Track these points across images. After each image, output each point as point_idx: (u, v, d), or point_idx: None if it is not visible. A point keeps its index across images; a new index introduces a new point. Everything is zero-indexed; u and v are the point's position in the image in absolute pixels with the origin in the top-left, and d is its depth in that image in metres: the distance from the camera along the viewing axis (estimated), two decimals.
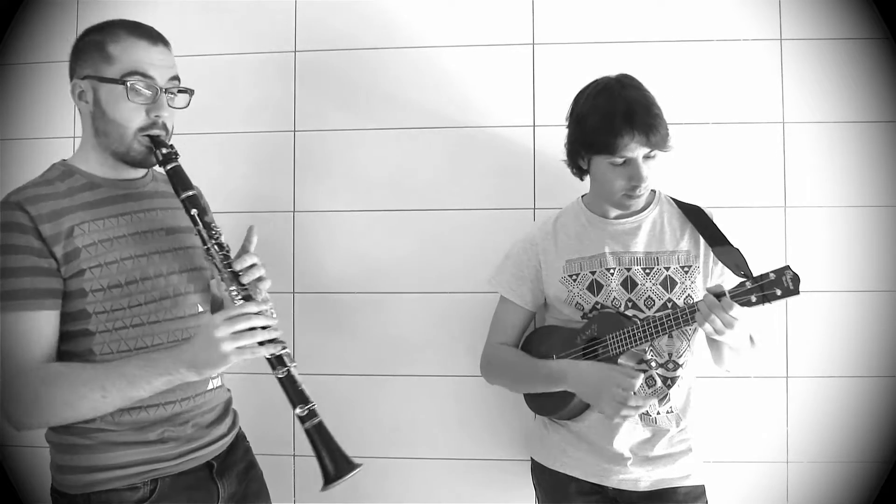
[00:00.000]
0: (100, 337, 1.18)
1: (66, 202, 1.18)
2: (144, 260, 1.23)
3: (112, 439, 1.18)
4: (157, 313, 1.23)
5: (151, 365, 1.12)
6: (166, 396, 1.20)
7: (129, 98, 1.17)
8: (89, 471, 1.18)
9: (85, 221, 1.18)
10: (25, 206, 1.13)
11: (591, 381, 1.38)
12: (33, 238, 1.12)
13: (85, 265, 1.16)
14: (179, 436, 1.24)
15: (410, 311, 1.81)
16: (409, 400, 1.81)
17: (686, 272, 1.46)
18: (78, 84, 1.22)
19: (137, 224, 1.25)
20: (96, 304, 1.17)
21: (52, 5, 1.89)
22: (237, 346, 1.09)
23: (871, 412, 1.71)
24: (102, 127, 1.21)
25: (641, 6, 1.79)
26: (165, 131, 1.22)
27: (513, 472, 1.77)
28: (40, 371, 1.11)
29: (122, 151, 1.21)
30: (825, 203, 1.74)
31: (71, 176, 1.22)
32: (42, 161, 1.28)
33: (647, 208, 1.51)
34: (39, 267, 1.13)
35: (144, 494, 1.19)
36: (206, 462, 1.28)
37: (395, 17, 1.83)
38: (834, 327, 1.73)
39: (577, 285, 1.49)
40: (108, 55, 1.19)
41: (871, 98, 1.73)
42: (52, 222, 1.14)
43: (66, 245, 1.15)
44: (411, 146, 1.82)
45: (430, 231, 1.82)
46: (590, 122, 1.39)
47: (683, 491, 1.44)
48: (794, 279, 1.25)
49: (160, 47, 1.23)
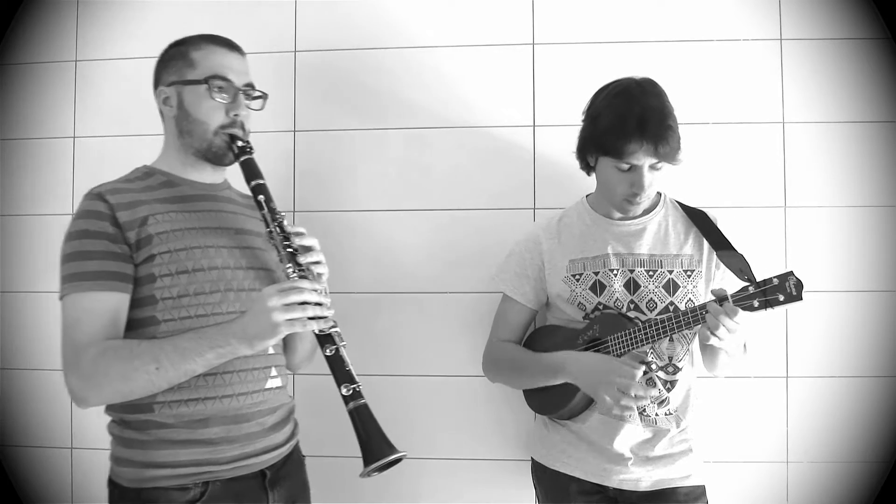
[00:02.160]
0: (165, 326, 1.21)
1: (143, 195, 1.26)
2: (212, 251, 1.27)
3: (168, 437, 1.20)
4: (221, 304, 1.25)
5: (203, 337, 1.16)
6: (223, 390, 1.23)
7: (211, 97, 1.27)
8: (143, 466, 1.20)
9: (159, 212, 1.25)
10: (105, 196, 1.22)
11: (591, 372, 1.37)
12: (109, 224, 1.20)
13: (155, 251, 1.21)
14: (237, 435, 1.24)
15: (410, 310, 1.81)
16: (410, 399, 1.81)
17: (689, 276, 1.46)
18: (163, 91, 1.32)
19: (208, 220, 1.31)
20: (163, 290, 1.21)
21: (52, 5, 1.89)
22: (288, 317, 1.12)
23: (871, 412, 1.71)
24: (186, 127, 1.30)
25: (641, 6, 1.79)
26: (243, 129, 1.31)
27: (513, 472, 1.77)
28: (99, 346, 1.15)
29: (203, 148, 1.30)
30: (825, 203, 1.74)
31: (151, 175, 1.32)
32: (43, 161, 1.28)
33: (652, 211, 1.51)
34: (112, 251, 1.19)
35: (195, 496, 1.20)
36: (260, 470, 1.27)
37: (395, 17, 1.83)
38: (834, 327, 1.73)
39: (580, 285, 1.49)
40: (191, 61, 1.30)
41: (871, 98, 1.73)
42: (129, 210, 1.22)
43: (140, 232, 1.21)
44: (411, 146, 1.82)
45: (430, 231, 1.82)
46: (602, 122, 1.38)
47: (684, 491, 1.44)
48: (797, 285, 1.25)
49: (236, 54, 1.34)
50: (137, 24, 1.88)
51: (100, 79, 1.88)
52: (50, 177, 1.88)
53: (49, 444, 1.86)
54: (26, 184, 1.89)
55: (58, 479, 1.85)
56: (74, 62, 1.89)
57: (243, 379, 1.25)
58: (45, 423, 1.87)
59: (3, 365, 1.89)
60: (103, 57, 1.89)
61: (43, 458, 1.86)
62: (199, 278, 1.24)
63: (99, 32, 1.89)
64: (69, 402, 1.85)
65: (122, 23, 1.89)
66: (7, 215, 1.90)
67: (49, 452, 1.86)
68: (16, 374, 1.88)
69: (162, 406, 1.20)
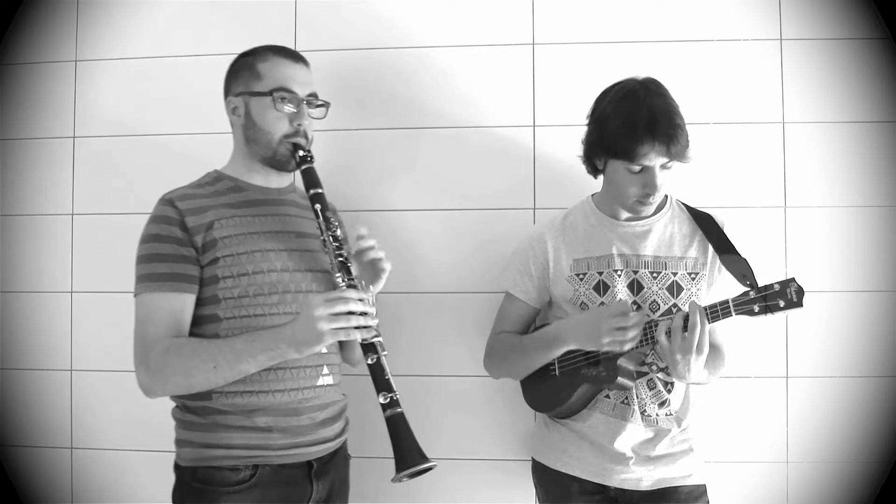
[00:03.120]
0: (226, 323, 1.31)
1: (211, 201, 1.35)
2: (272, 255, 1.35)
3: (224, 422, 1.29)
4: (279, 305, 1.33)
5: (256, 340, 1.25)
6: (275, 384, 1.31)
7: (276, 108, 1.35)
8: (200, 446, 1.30)
9: (225, 217, 1.34)
10: (175, 203, 1.32)
11: (585, 326, 1.38)
12: (178, 229, 1.30)
13: (220, 254, 1.31)
14: (287, 427, 1.31)
15: (410, 310, 1.81)
16: (409, 399, 1.79)
17: (693, 279, 1.46)
18: (232, 101, 1.40)
19: (271, 224, 1.38)
20: (226, 291, 1.31)
21: (52, 5, 1.89)
22: (333, 326, 1.19)
23: (871, 412, 1.71)
24: (252, 135, 1.38)
25: (641, 6, 1.79)
26: (306, 138, 1.38)
27: (513, 471, 1.77)
28: (165, 342, 1.26)
29: (269, 156, 1.38)
30: (825, 203, 1.74)
31: (220, 181, 1.41)
32: (43, 161, 1.29)
33: (658, 212, 1.50)
34: (180, 254, 1.29)
35: (245, 476, 1.28)
36: (307, 461, 1.34)
37: (395, 16, 1.83)
38: (834, 327, 1.73)
39: (584, 285, 1.49)
40: (257, 73, 1.37)
41: (871, 98, 1.73)
42: (197, 215, 1.31)
43: (206, 236, 1.31)
44: (411, 146, 1.82)
45: (430, 231, 1.82)
46: (611, 125, 1.37)
47: (685, 490, 1.44)
48: (798, 291, 1.26)
49: (300, 66, 1.40)
50: (137, 24, 1.88)
51: (100, 79, 1.89)
52: (50, 177, 1.88)
53: (49, 444, 1.86)
54: (26, 184, 1.89)
55: (58, 479, 1.85)
56: (74, 62, 1.89)
57: (295, 375, 1.32)
58: (45, 423, 1.87)
59: (3, 365, 1.89)
60: (103, 57, 1.89)
61: (43, 458, 1.86)
62: (258, 280, 1.32)
63: (99, 32, 1.89)
64: (69, 402, 1.86)
65: (121, 23, 1.89)
66: (7, 215, 1.90)
67: (49, 452, 1.86)
68: (16, 374, 1.88)
69: (219, 395, 1.29)
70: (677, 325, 1.30)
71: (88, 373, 1.86)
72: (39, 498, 1.86)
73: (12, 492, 1.79)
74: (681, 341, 1.29)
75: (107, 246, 1.85)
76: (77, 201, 1.88)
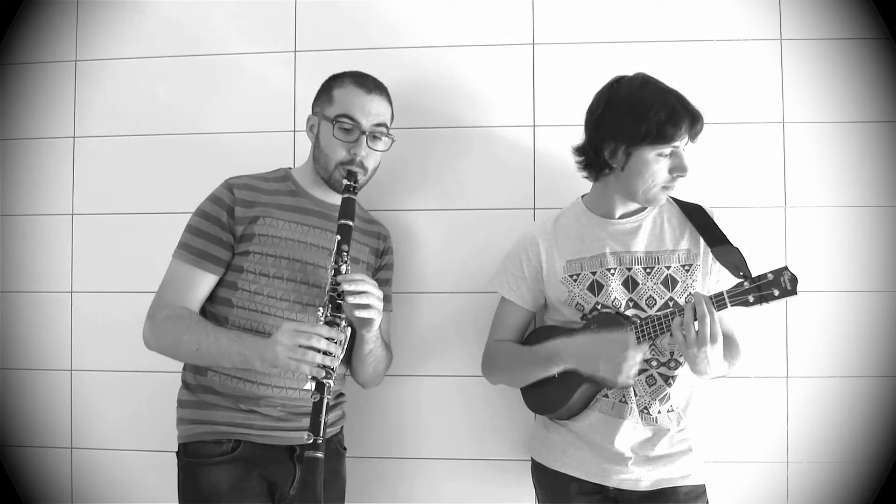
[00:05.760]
0: (236, 311, 1.42)
1: (266, 197, 1.46)
2: (298, 265, 1.44)
3: (212, 401, 1.41)
4: (286, 312, 1.42)
5: (236, 342, 1.33)
6: (267, 378, 1.40)
7: (335, 136, 1.43)
8: (189, 423, 1.42)
9: (272, 217, 1.44)
10: (233, 188, 1.44)
11: (586, 351, 1.38)
12: (226, 214, 1.42)
13: (253, 249, 1.42)
14: (267, 415, 1.41)
15: (409, 311, 1.81)
16: (410, 400, 1.81)
17: (687, 271, 1.46)
18: (310, 118, 1.52)
19: (312, 236, 1.47)
20: (246, 283, 1.42)
21: (52, 5, 1.90)
22: (289, 356, 1.25)
23: (871, 412, 1.71)
24: (316, 154, 1.49)
25: (641, 6, 1.79)
26: (362, 168, 1.45)
27: (513, 472, 1.77)
28: (173, 309, 1.38)
29: (325, 177, 1.48)
30: (825, 203, 1.74)
31: (286, 181, 1.52)
32: (43, 161, 1.29)
33: (646, 208, 1.51)
34: (218, 237, 1.42)
35: (227, 449, 1.39)
36: (289, 446, 1.42)
37: (395, 16, 1.83)
38: (834, 327, 1.73)
39: (578, 285, 1.49)
40: (331, 97, 1.47)
41: (871, 98, 1.73)
42: (246, 207, 1.43)
43: (247, 228, 1.42)
44: (411, 146, 1.82)
45: (429, 231, 1.82)
46: (639, 111, 1.36)
47: (684, 491, 1.44)
48: (791, 280, 1.26)
49: (374, 96, 1.47)
50: (137, 24, 1.88)
51: (100, 79, 1.89)
52: (50, 177, 1.88)
53: (49, 444, 1.86)
54: (26, 184, 1.89)
55: (58, 479, 1.85)
56: (74, 62, 1.89)
57: (284, 375, 1.40)
58: (45, 423, 1.87)
59: (3, 365, 1.89)
60: (103, 57, 1.89)
61: (43, 458, 1.86)
62: (275, 285, 1.42)
63: (99, 32, 1.89)
64: (69, 402, 1.86)
65: (121, 23, 1.89)
66: (7, 215, 1.90)
67: (49, 452, 1.86)
68: (16, 374, 1.88)
69: (215, 374, 1.41)
70: (688, 320, 1.29)
71: (88, 373, 1.86)
72: (39, 498, 1.86)
73: (12, 492, 1.79)
74: (694, 335, 1.28)
75: (107, 246, 1.86)
76: (77, 201, 1.88)
